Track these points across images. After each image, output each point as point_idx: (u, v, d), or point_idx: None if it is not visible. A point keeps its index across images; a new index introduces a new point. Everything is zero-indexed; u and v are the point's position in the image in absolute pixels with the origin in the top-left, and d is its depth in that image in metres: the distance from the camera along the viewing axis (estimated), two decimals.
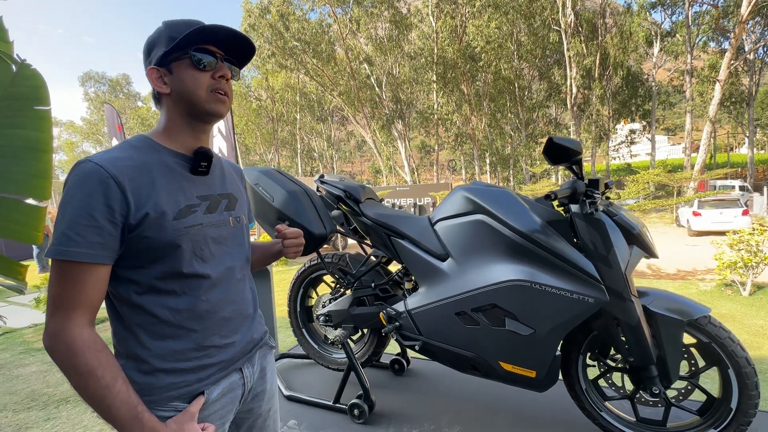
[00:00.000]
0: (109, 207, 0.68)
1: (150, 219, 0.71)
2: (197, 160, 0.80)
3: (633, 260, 1.45)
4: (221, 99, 0.80)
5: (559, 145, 1.30)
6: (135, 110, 38.89)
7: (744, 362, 1.37)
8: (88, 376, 0.65)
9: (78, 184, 0.68)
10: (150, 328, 0.75)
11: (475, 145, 25.28)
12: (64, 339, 0.66)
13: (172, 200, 0.75)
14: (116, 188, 0.68)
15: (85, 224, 0.66)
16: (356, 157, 52.05)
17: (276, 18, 21.76)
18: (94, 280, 0.69)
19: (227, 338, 0.83)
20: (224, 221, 0.85)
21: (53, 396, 3.01)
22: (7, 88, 0.82)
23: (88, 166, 0.69)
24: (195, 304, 0.78)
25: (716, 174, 15.20)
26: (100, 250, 0.68)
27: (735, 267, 4.60)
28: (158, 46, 0.77)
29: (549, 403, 1.89)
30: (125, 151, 0.75)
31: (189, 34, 0.74)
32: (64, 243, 0.66)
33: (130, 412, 0.67)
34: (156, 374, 0.74)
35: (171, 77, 0.77)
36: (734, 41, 16.67)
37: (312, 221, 1.82)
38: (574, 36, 20.70)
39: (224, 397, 0.83)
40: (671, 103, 30.57)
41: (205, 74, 0.78)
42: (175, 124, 0.80)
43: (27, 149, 0.87)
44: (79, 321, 0.67)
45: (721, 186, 19.46)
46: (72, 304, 0.67)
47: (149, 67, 0.78)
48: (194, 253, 0.77)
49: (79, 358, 0.65)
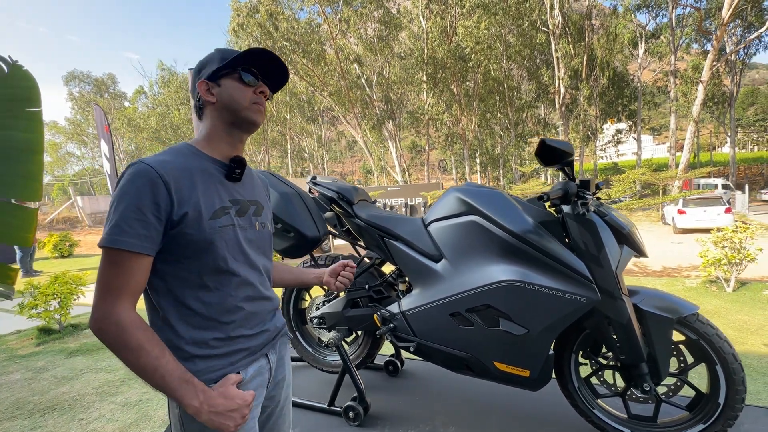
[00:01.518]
0: (155, 204, 0.76)
1: (189, 217, 0.80)
2: (232, 167, 0.90)
3: (623, 260, 1.47)
4: (260, 110, 0.92)
5: (551, 147, 1.31)
6: (121, 110, 38.12)
7: (731, 358, 1.40)
8: (139, 350, 0.74)
9: (131, 181, 0.76)
10: (185, 319, 0.83)
11: (465, 145, 25.43)
12: (115, 320, 0.74)
13: (208, 201, 0.84)
14: (163, 187, 0.77)
15: (135, 218, 0.75)
16: (347, 158, 51.94)
17: (265, 17, 21.58)
18: (138, 269, 0.77)
19: (254, 329, 0.92)
20: (251, 225, 0.94)
21: (39, 404, 2.94)
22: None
23: (140, 167, 0.78)
24: (225, 299, 0.86)
25: (700, 173, 15.55)
26: (145, 242, 0.76)
27: (719, 264, 4.71)
28: (210, 65, 0.90)
29: (542, 402, 1.91)
30: (172, 155, 0.84)
31: (238, 57, 0.89)
32: (116, 233, 0.74)
33: (182, 377, 0.76)
34: (193, 360, 0.83)
35: (218, 89, 0.89)
36: (716, 43, 17.08)
37: (305, 224, 1.82)
38: (561, 37, 20.98)
39: (254, 380, 0.92)
40: (656, 103, 31.18)
41: (249, 89, 0.90)
42: (216, 133, 0.91)
43: (18, 150, 0.85)
44: (126, 304, 0.75)
45: (704, 184, 19.94)
46: (120, 289, 0.75)
47: (200, 80, 0.90)
48: (227, 251, 0.85)
49: (130, 335, 0.74)
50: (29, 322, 4.61)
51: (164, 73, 33.81)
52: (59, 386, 3.23)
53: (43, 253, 12.78)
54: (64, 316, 4.50)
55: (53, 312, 4.32)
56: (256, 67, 0.92)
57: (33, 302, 4.23)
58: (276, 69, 0.95)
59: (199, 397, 0.77)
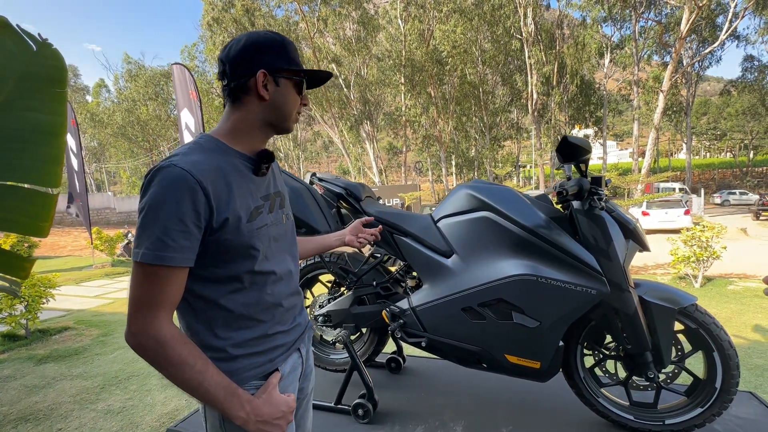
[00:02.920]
0: (196, 212, 0.71)
1: (229, 223, 0.76)
2: (260, 162, 0.85)
3: (630, 253, 1.54)
4: (297, 120, 0.91)
5: (572, 143, 1.36)
6: (83, 104, 36.04)
7: (727, 345, 1.50)
8: (182, 365, 0.71)
9: (169, 188, 0.70)
10: (223, 321, 0.81)
11: (441, 147, 25.81)
12: (154, 334, 0.70)
13: (244, 204, 0.80)
14: (202, 194, 0.72)
15: (178, 229, 0.70)
16: (323, 158, 51.48)
17: (241, 13, 21.07)
18: (179, 281, 0.74)
19: (289, 324, 0.92)
20: (280, 219, 0.91)
21: (9, 415, 2.73)
22: (27, 67, 0.74)
23: (176, 171, 0.70)
24: (262, 297, 0.84)
25: (661, 177, 16.56)
26: (189, 254, 0.73)
27: (689, 261, 5.02)
28: (274, 54, 0.83)
29: (546, 392, 1.96)
30: (201, 153, 0.77)
31: (301, 64, 0.88)
32: (161, 248, 0.69)
33: (227, 390, 0.74)
34: (235, 360, 0.82)
35: (275, 88, 0.83)
36: (675, 55, 18.23)
37: (316, 219, 1.79)
38: (534, 44, 21.73)
39: (291, 374, 0.93)
40: (620, 110, 32.93)
41: (299, 99, 0.88)
42: (248, 127, 0.85)
43: (41, 133, 0.78)
44: (164, 318, 0.72)
45: (663, 188, 21.19)
46: (158, 303, 0.71)
47: (261, 70, 0.81)
48: (264, 252, 0.83)
49: (171, 350, 0.70)
50: None
51: (131, 66, 32.25)
52: (30, 395, 3.01)
53: None
54: (32, 321, 4.19)
55: (19, 317, 4.02)
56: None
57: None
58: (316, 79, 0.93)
59: (246, 408, 0.76)
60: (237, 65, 0.81)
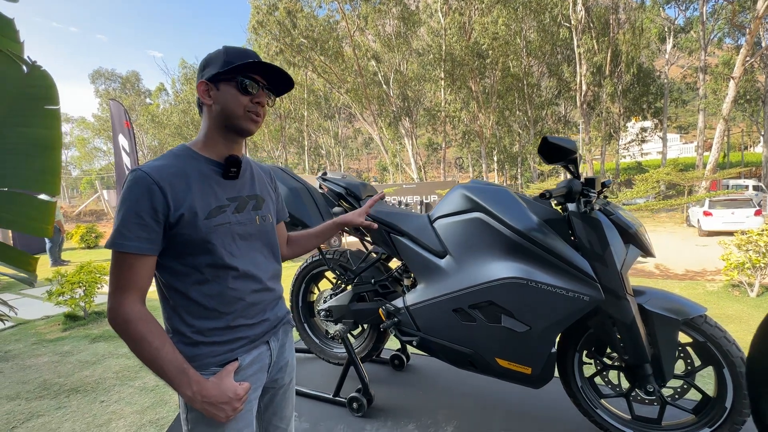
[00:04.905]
0: (153, 208, 0.82)
1: (185, 218, 0.85)
2: (227, 167, 0.93)
3: (629, 259, 1.45)
4: (254, 119, 0.94)
5: (554, 144, 1.31)
6: (145, 107, 39.28)
7: (739, 362, 1.37)
8: (141, 341, 0.81)
9: (130, 188, 0.83)
10: (189, 309, 0.90)
11: (482, 143, 25.11)
12: (121, 313, 0.81)
13: (204, 202, 0.89)
14: (159, 192, 0.83)
15: (135, 222, 0.81)
16: (363, 155, 52.05)
17: (284, 15, 21.79)
18: (142, 267, 0.83)
19: (254, 319, 0.97)
20: (251, 220, 0.98)
21: (64, 386, 3.10)
22: (19, 88, 0.87)
23: (138, 174, 0.83)
24: (224, 291, 0.91)
25: (729, 173, 14.90)
26: (146, 244, 0.83)
27: (743, 268, 4.54)
28: (213, 65, 0.91)
29: (545, 400, 1.90)
30: (169, 159, 0.89)
31: (241, 65, 0.89)
32: (119, 237, 0.81)
33: (178, 368, 0.82)
34: (197, 346, 0.90)
35: (217, 93, 0.91)
36: (750, 37, 16.31)
37: (312, 217, 1.86)
38: (584, 32, 20.42)
39: (254, 365, 0.97)
40: (684, 100, 30.02)
41: (246, 97, 0.91)
42: (212, 135, 0.94)
43: (37, 147, 0.92)
44: (132, 299, 0.83)
45: (734, 185, 19.10)
46: (126, 286, 0.83)
47: (200, 80, 0.91)
48: (224, 248, 0.90)
49: (132, 327, 0.81)
50: (57, 309, 4.85)
51: (186, 70, 34.61)
52: (83, 370, 3.40)
53: (71, 244, 13.35)
54: (89, 304, 4.71)
55: (78, 299, 4.53)
56: (259, 74, 0.93)
57: (60, 290, 4.44)
58: (280, 75, 0.95)
59: (193, 387, 0.83)
60: (196, 85, 0.94)
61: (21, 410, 2.75)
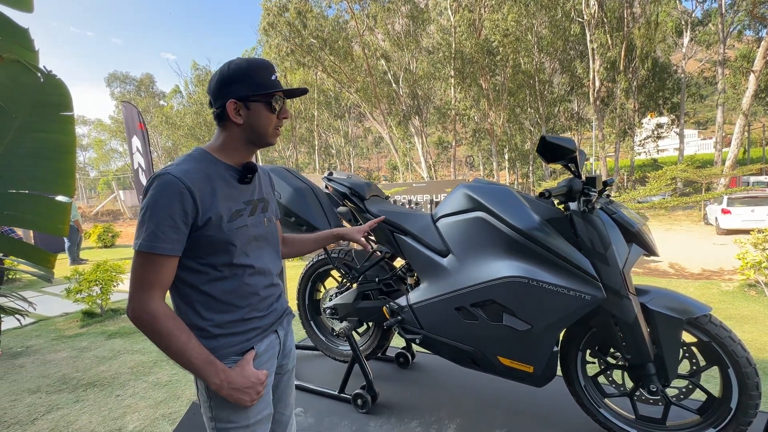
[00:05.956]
0: (184, 211, 0.87)
1: (212, 222, 0.91)
2: (245, 173, 1.00)
3: (632, 258, 1.45)
4: (279, 134, 1.02)
5: (553, 143, 1.31)
6: (160, 109, 40.04)
7: (744, 362, 1.35)
8: (170, 336, 0.86)
9: (161, 192, 0.86)
10: (207, 304, 0.95)
11: (493, 141, 24.91)
12: (148, 310, 0.86)
13: (227, 206, 0.94)
14: (189, 196, 0.87)
15: (168, 225, 0.85)
16: (373, 154, 52.12)
17: (294, 15, 21.95)
18: (168, 267, 0.89)
19: (265, 311, 1.04)
20: (261, 222, 1.05)
21: (82, 380, 3.22)
22: (35, 96, 0.92)
23: (169, 178, 0.87)
24: (240, 286, 0.98)
25: (749, 170, 14.47)
26: (177, 245, 0.88)
27: (759, 267, 4.43)
28: (239, 84, 0.94)
29: (549, 399, 1.90)
30: (192, 163, 0.93)
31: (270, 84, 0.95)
32: (153, 240, 0.85)
33: (205, 359, 0.89)
34: (216, 338, 0.95)
35: (247, 112, 0.95)
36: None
37: (316, 217, 1.90)
38: (597, 27, 20.05)
39: (267, 353, 1.05)
40: (702, 95, 29.23)
41: (274, 115, 0.99)
42: (234, 145, 0.99)
43: (54, 151, 0.98)
44: (157, 297, 0.87)
45: (754, 182, 18.56)
46: (153, 285, 0.87)
47: (230, 99, 0.94)
48: (242, 248, 0.97)
49: (161, 324, 0.85)
50: (75, 306, 5.02)
51: (198, 72, 35.16)
52: (99, 365, 3.52)
53: (88, 243, 13.73)
54: (105, 301, 4.86)
55: (95, 297, 4.68)
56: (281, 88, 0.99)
57: (78, 288, 4.60)
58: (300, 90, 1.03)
59: (220, 376, 0.89)
60: (215, 97, 0.97)
61: (42, 402, 2.86)
